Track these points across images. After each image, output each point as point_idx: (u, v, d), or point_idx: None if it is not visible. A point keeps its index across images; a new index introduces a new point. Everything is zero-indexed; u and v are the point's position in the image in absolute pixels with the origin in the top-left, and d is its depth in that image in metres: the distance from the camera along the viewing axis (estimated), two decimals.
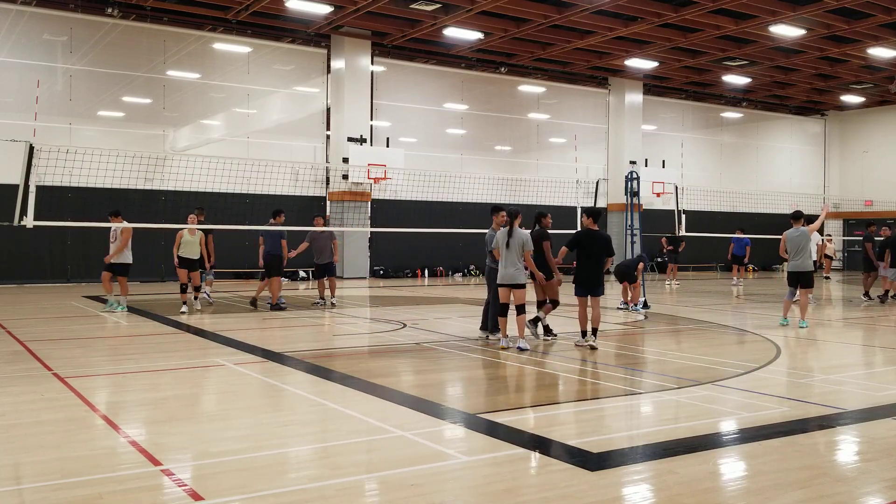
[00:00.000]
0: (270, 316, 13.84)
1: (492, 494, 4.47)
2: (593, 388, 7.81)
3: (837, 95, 32.89)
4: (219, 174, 17.60)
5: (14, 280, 20.04)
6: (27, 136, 17.26)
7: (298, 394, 7.27)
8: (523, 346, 9.67)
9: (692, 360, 9.29)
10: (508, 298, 9.98)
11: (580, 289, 10.13)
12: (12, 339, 10.54)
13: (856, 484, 4.75)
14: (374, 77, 25.13)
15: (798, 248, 12.37)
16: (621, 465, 5.10)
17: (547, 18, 21.67)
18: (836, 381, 8.01)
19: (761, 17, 21.45)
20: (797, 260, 12.37)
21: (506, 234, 9.88)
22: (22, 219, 11.62)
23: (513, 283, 9.85)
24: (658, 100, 31.98)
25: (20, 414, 6.30)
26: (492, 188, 25.75)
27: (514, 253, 9.79)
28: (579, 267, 10.18)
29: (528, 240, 9.83)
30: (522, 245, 9.78)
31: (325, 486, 4.57)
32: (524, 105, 29.29)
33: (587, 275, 10.11)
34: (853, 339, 11.84)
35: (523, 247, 9.78)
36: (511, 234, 9.84)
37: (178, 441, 5.59)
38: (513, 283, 9.85)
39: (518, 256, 9.78)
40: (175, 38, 22.60)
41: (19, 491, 4.53)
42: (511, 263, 9.82)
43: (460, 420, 6.23)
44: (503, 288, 9.93)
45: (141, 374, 8.21)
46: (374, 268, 25.43)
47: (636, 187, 16.22)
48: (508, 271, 9.84)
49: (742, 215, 30.72)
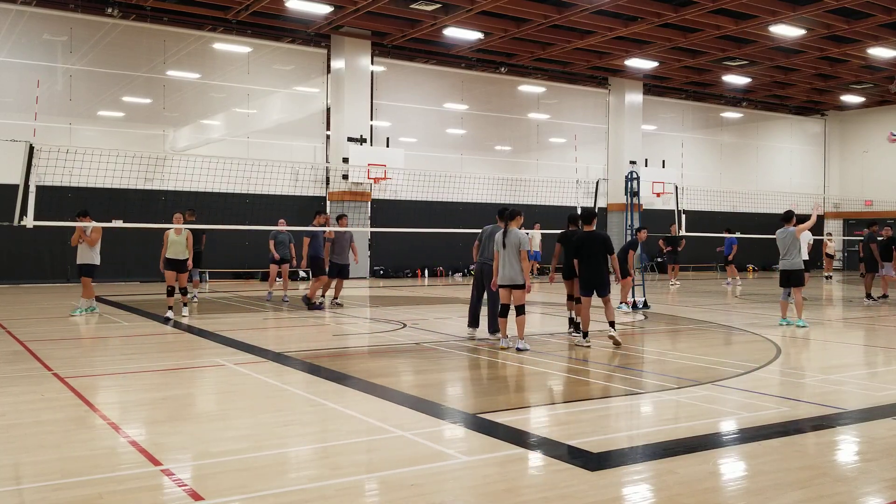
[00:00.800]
0: (270, 316, 13.84)
1: (492, 494, 4.47)
2: (593, 388, 7.81)
3: (837, 95, 32.90)
4: (219, 174, 17.60)
5: (14, 280, 20.04)
6: (27, 136, 17.27)
7: (298, 394, 7.27)
8: (522, 347, 9.68)
9: (692, 360, 9.29)
10: (508, 299, 10.00)
11: (584, 290, 10.27)
12: (12, 339, 10.54)
13: (856, 484, 4.75)
14: (374, 77, 25.13)
15: (786, 248, 12.65)
16: (621, 465, 5.10)
17: (547, 18, 21.67)
18: (836, 381, 8.01)
19: (761, 17, 21.46)
20: (786, 259, 12.69)
21: (502, 234, 9.93)
22: (22, 219, 11.61)
23: (512, 284, 9.87)
24: (658, 100, 31.99)
25: (20, 414, 6.30)
26: (492, 188, 25.75)
27: (511, 254, 9.82)
28: (581, 269, 10.33)
29: (524, 240, 9.85)
30: (518, 246, 9.81)
31: (325, 486, 4.57)
32: (524, 105, 29.30)
33: (588, 275, 10.24)
34: (853, 339, 11.84)
35: (519, 247, 9.81)
36: (506, 234, 9.88)
37: (178, 441, 5.59)
38: (512, 284, 9.87)
39: (515, 257, 9.80)
40: (175, 38, 22.60)
41: (19, 491, 4.53)
42: (509, 264, 9.85)
43: (460, 420, 6.23)
44: (503, 289, 9.97)
45: (141, 374, 8.21)
46: (374, 268, 25.44)
47: (636, 187, 16.22)
48: (507, 272, 9.87)
49: (742, 215, 30.73)
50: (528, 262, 9.92)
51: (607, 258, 10.30)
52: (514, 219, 9.96)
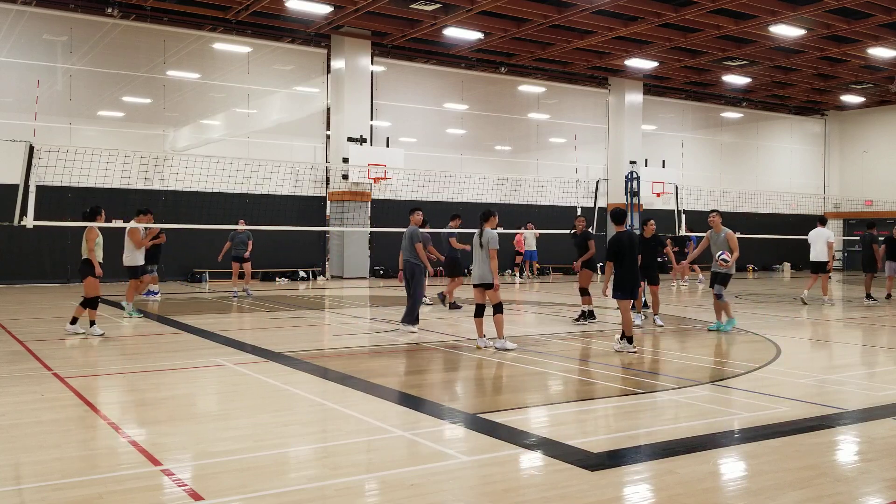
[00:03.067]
0: (271, 316, 13.84)
1: (492, 494, 4.47)
2: (593, 388, 7.81)
3: (837, 95, 32.89)
4: (219, 174, 17.60)
5: (14, 280, 20.04)
6: (27, 136, 17.27)
7: (298, 394, 7.27)
8: (501, 347, 9.70)
9: (692, 360, 9.30)
10: (482, 299, 10.04)
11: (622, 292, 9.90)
12: (12, 339, 10.54)
13: (856, 484, 4.75)
14: (374, 77, 25.12)
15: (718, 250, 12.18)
16: (621, 465, 5.10)
17: (547, 18, 21.67)
18: (836, 381, 8.01)
19: (761, 17, 21.45)
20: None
21: (478, 235, 9.99)
22: (22, 219, 11.62)
23: (482, 283, 9.98)
24: (658, 100, 31.98)
25: (20, 414, 6.30)
26: (492, 188, 25.76)
27: (483, 253, 9.90)
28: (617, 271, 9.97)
29: (493, 240, 9.86)
30: (489, 244, 9.86)
31: (325, 486, 4.58)
32: (524, 105, 29.29)
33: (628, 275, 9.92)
34: (853, 339, 11.84)
35: (489, 246, 9.86)
36: (481, 234, 9.96)
37: (178, 441, 5.59)
38: (482, 283, 9.98)
39: (487, 257, 9.86)
40: (175, 38, 22.60)
41: (19, 491, 4.53)
42: (481, 264, 9.94)
43: (460, 420, 6.23)
44: (477, 289, 10.05)
45: (141, 374, 8.21)
46: (374, 268, 25.42)
47: (636, 187, 16.23)
48: (478, 271, 9.98)
49: (742, 215, 30.73)
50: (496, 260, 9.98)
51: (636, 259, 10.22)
52: (488, 220, 10.06)
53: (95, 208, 11.17)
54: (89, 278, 10.73)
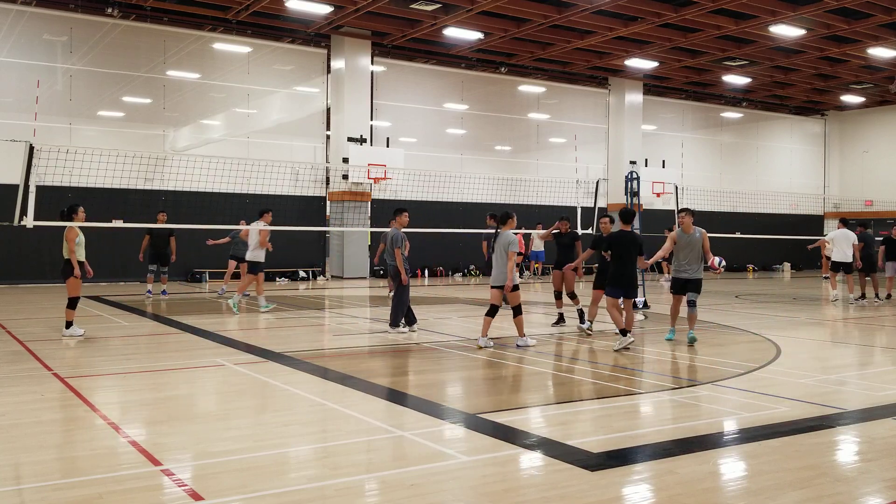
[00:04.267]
0: (271, 315, 13.84)
1: (492, 494, 4.47)
2: (593, 388, 7.80)
3: (837, 95, 32.89)
4: (219, 174, 17.59)
5: (14, 280, 20.03)
6: (27, 136, 17.27)
7: (298, 394, 7.27)
8: (527, 343, 9.92)
9: (692, 360, 9.30)
10: (498, 300, 10.07)
11: (614, 290, 10.10)
12: (12, 339, 10.54)
13: (856, 484, 4.75)
14: (374, 77, 25.12)
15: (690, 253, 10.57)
16: (621, 465, 5.10)
17: (547, 18, 21.67)
18: (836, 381, 8.01)
19: (761, 17, 21.46)
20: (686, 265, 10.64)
21: (494, 237, 10.04)
22: (22, 219, 11.61)
23: (500, 285, 9.99)
24: (658, 100, 31.98)
25: (20, 414, 6.30)
26: (492, 188, 25.75)
27: (501, 255, 9.90)
28: (613, 268, 10.17)
29: (511, 242, 9.89)
30: (506, 247, 9.88)
31: (325, 486, 4.58)
32: (524, 105, 29.29)
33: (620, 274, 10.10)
34: (853, 339, 11.84)
35: (507, 248, 9.87)
36: (497, 236, 9.99)
37: (178, 441, 5.59)
38: (500, 285, 9.99)
39: (504, 258, 9.86)
40: (175, 38, 22.59)
41: (19, 491, 4.53)
42: (499, 265, 9.97)
43: (460, 420, 6.23)
44: (495, 290, 10.06)
45: (141, 374, 8.21)
46: (375, 268, 25.41)
47: (636, 187, 16.23)
48: (496, 273, 10.02)
49: (742, 215, 30.74)
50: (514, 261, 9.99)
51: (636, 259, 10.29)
52: (506, 222, 10.07)
53: (73, 206, 11.09)
54: (71, 279, 10.77)
